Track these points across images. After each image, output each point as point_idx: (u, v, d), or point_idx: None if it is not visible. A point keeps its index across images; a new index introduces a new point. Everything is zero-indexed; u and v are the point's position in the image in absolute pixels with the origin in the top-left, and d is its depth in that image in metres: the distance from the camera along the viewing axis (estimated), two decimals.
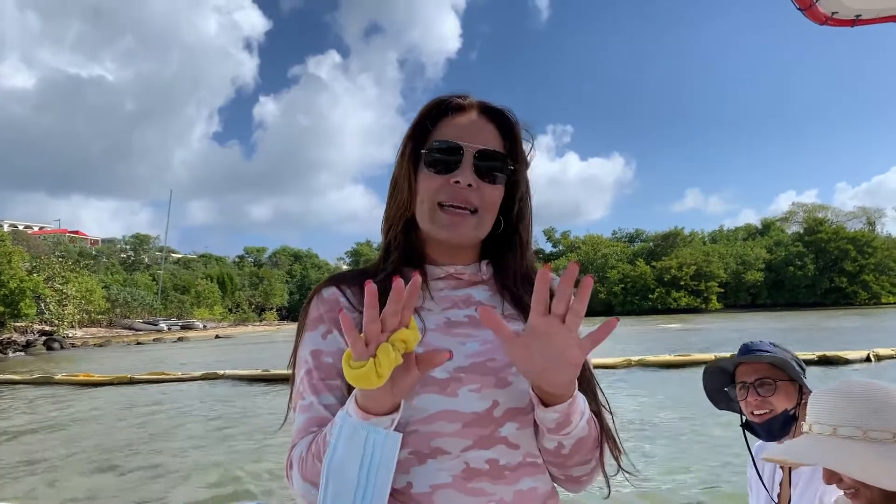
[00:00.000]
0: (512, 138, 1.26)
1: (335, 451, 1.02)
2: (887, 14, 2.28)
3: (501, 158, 1.22)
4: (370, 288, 0.92)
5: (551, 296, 0.98)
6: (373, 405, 1.00)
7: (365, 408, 1.00)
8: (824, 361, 19.73)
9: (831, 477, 1.38)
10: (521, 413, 1.13)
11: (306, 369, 1.18)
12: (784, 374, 2.02)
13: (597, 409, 1.20)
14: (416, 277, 0.94)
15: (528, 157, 1.30)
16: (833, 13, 2.23)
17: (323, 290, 1.24)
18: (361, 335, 0.94)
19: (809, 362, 19.71)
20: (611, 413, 1.24)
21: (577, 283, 0.95)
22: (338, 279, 1.26)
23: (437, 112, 1.27)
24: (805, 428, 1.46)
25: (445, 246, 1.25)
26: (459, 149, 1.21)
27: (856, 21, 2.28)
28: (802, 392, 2.01)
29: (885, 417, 1.35)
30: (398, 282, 0.93)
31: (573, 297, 0.97)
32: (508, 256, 1.30)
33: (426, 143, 1.24)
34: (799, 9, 2.17)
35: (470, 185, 1.19)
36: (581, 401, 1.09)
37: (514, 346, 1.00)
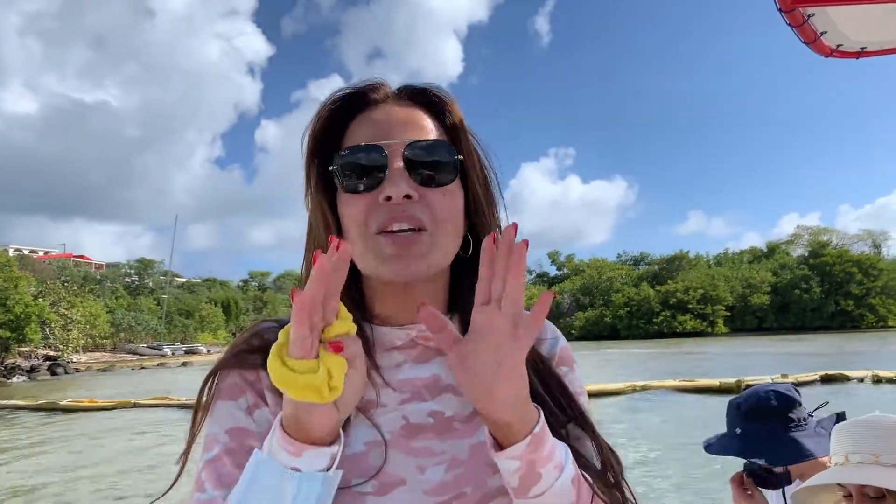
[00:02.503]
0: (450, 121, 0.94)
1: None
2: (891, 46, 2.33)
3: (443, 147, 0.89)
4: (322, 258, 0.69)
5: None
6: (310, 430, 0.72)
7: (299, 435, 0.73)
8: (827, 380, 19.74)
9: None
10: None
11: (216, 453, 0.84)
12: None
13: (601, 460, 0.90)
14: (345, 246, 0.70)
15: (482, 148, 0.97)
16: (838, 46, 2.28)
17: (242, 357, 0.90)
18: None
19: (812, 382, 19.70)
20: (617, 464, 0.91)
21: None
22: (263, 350, 0.84)
23: (340, 112, 0.93)
24: (838, 459, 1.52)
25: (399, 293, 0.91)
26: (380, 150, 0.87)
27: (860, 53, 2.33)
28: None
29: None
30: (322, 257, 0.69)
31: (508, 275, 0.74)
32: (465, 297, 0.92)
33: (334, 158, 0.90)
34: (804, 42, 2.21)
35: (408, 197, 0.85)
36: (559, 451, 0.81)
37: (454, 357, 0.76)
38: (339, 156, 0.89)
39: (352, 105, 0.93)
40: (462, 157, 0.92)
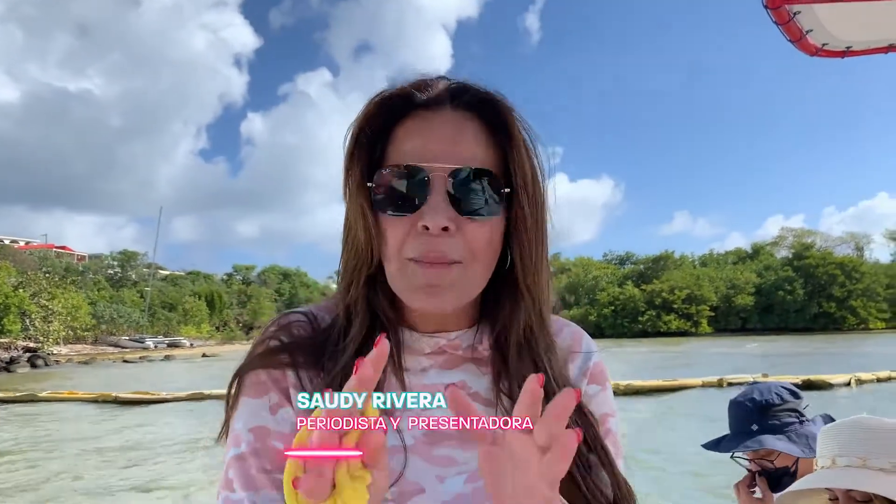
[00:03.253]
0: (507, 138, 0.87)
1: None
2: (877, 46, 2.29)
3: (489, 178, 0.84)
4: (365, 369, 0.60)
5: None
6: None
7: None
8: (808, 386, 19.92)
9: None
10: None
11: (241, 451, 0.84)
12: None
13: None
14: (383, 344, 0.61)
15: (539, 164, 0.90)
16: (823, 45, 2.23)
17: (269, 357, 0.88)
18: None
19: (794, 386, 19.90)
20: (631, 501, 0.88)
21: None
22: (290, 348, 0.88)
23: (387, 114, 0.87)
24: (825, 462, 1.53)
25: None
26: (423, 175, 0.82)
27: (846, 52, 2.28)
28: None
29: None
30: (364, 364, 0.60)
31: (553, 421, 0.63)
32: (509, 312, 0.90)
33: (378, 166, 0.86)
34: (790, 40, 2.16)
35: (446, 229, 0.81)
36: None
37: (489, 462, 0.68)
38: (378, 174, 0.85)
39: (401, 103, 0.87)
40: (509, 188, 0.86)
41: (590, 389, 0.96)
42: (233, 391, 0.89)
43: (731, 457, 2.14)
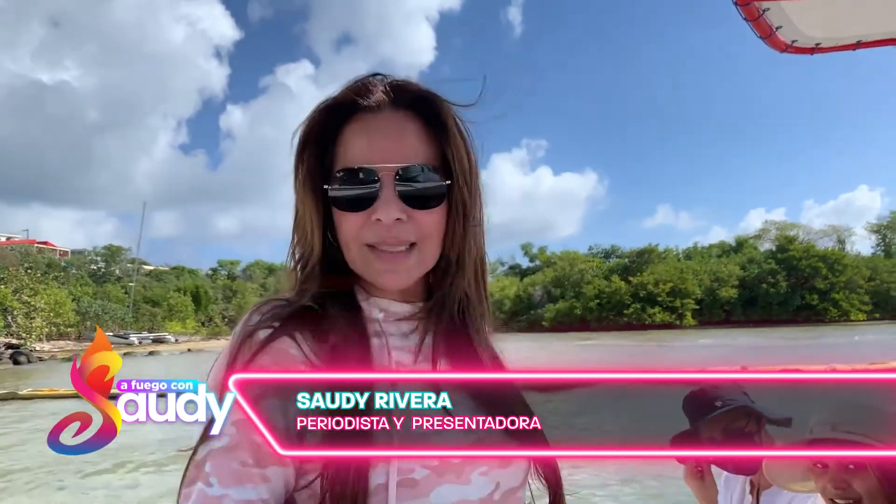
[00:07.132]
0: (444, 134, 0.97)
1: None
2: (845, 43, 2.31)
3: (432, 173, 0.95)
4: None
5: None
6: None
7: None
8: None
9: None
10: (514, 492, 1.00)
11: (222, 445, 0.84)
12: None
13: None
14: None
15: (472, 154, 1.01)
16: (793, 41, 2.25)
17: (272, 339, 0.90)
18: None
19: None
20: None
21: None
22: (289, 326, 0.92)
23: (332, 118, 0.97)
24: (822, 430, 1.55)
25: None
26: (373, 175, 0.93)
27: (815, 49, 2.31)
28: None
29: None
30: None
31: None
32: (449, 284, 1.03)
33: (329, 168, 0.97)
34: (759, 37, 2.19)
35: (398, 220, 0.93)
36: None
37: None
38: (334, 177, 0.95)
39: (346, 108, 0.97)
40: (449, 181, 0.97)
41: None
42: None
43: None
